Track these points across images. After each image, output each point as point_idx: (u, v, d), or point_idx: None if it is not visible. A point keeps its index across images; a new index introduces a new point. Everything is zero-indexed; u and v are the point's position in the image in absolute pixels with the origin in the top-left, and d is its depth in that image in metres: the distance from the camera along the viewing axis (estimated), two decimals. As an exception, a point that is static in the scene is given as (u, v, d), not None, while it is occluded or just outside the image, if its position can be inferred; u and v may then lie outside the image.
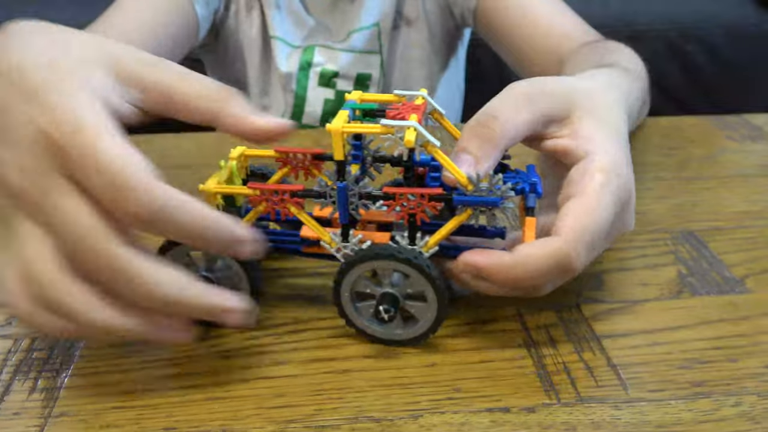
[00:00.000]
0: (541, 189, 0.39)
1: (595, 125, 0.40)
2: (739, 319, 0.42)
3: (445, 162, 0.36)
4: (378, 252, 0.37)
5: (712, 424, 0.34)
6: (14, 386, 0.37)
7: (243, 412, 0.35)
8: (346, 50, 0.84)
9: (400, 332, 0.39)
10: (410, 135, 0.35)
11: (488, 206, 0.36)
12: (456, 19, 0.87)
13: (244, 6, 0.84)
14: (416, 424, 0.34)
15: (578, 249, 0.36)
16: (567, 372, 0.37)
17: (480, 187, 0.36)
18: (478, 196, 0.36)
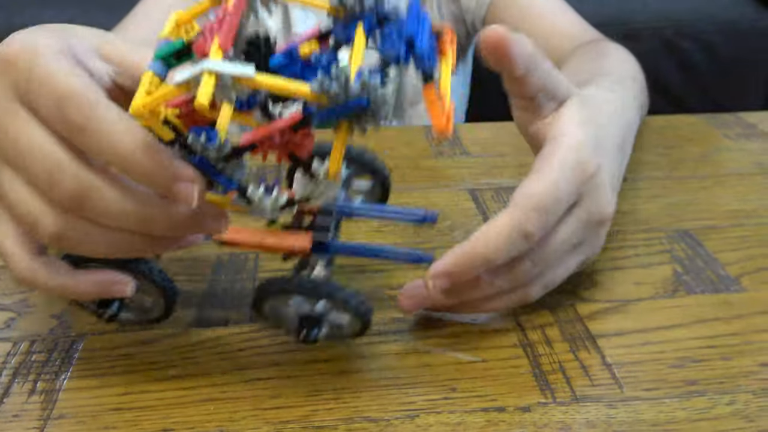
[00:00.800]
0: (424, 39, 0.30)
1: (577, 116, 0.41)
2: (733, 318, 0.42)
3: (275, 86, 0.28)
4: (265, 288, 0.36)
5: (707, 423, 0.34)
6: (13, 388, 0.37)
7: (240, 413, 0.35)
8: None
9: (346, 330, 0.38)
10: (205, 89, 0.26)
11: (358, 111, 0.28)
12: (467, 26, 0.88)
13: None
14: (412, 424, 0.34)
15: (529, 213, 0.37)
16: (562, 371, 0.38)
17: (333, 92, 0.27)
18: (340, 105, 0.28)
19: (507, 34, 0.38)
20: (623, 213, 0.54)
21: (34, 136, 0.31)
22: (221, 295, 0.44)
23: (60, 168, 0.31)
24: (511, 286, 0.40)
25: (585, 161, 0.40)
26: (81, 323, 0.42)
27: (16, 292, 0.45)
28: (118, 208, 0.32)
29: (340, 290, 0.35)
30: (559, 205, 0.39)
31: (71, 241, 0.33)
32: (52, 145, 0.31)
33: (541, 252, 0.39)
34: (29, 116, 0.32)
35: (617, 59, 0.66)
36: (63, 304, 0.44)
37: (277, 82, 0.28)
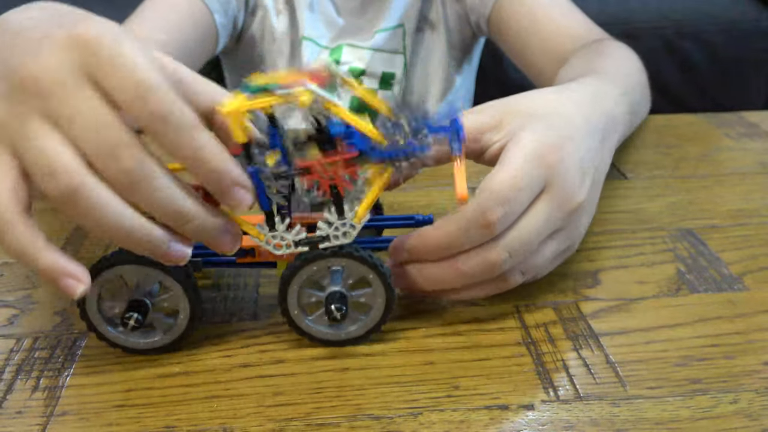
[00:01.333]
0: (461, 129, 0.36)
1: (526, 121, 0.42)
2: (736, 317, 0.42)
3: (351, 119, 0.34)
4: (306, 257, 0.37)
5: (710, 421, 0.34)
6: (17, 385, 0.37)
7: (243, 411, 0.35)
8: (372, 48, 0.85)
9: (354, 328, 0.39)
10: (305, 96, 0.32)
11: (407, 157, 0.34)
12: (472, 26, 0.88)
13: (273, 10, 0.85)
14: (415, 421, 0.34)
15: (489, 203, 0.38)
16: (565, 369, 0.38)
17: (396, 139, 0.34)
18: (395, 149, 0.34)
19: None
20: (626, 212, 0.54)
21: (101, 112, 0.32)
22: (225, 292, 0.44)
23: (124, 145, 0.32)
24: (486, 273, 0.40)
25: (546, 150, 0.40)
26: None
27: (20, 289, 0.45)
28: (164, 195, 0.33)
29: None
30: (521, 195, 0.39)
31: (83, 204, 0.32)
32: (118, 123, 0.32)
33: (511, 240, 0.39)
34: (95, 92, 0.33)
35: (613, 58, 0.65)
36: (66, 300, 0.44)
37: (353, 116, 0.33)
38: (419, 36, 0.88)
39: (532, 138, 0.41)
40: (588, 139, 0.44)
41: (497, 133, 0.42)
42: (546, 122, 0.42)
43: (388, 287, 0.38)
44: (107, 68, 0.32)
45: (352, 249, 0.37)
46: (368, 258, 0.37)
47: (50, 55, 0.33)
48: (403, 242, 0.40)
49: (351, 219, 0.36)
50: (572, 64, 0.67)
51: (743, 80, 1.36)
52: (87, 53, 0.33)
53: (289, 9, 0.85)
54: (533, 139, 0.41)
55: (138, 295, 0.38)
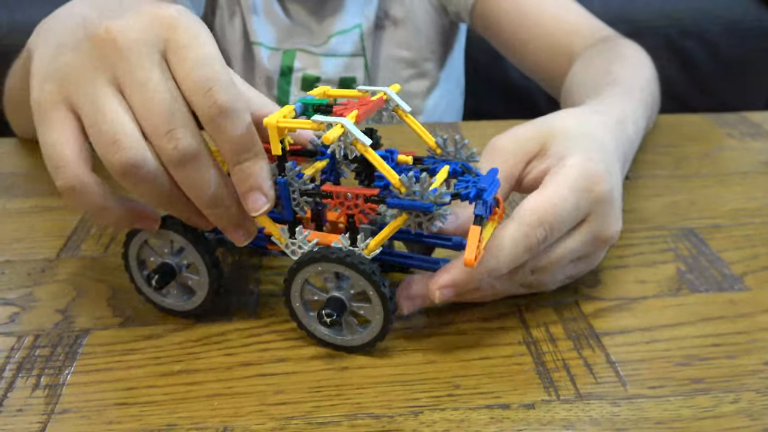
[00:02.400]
0: (490, 195, 0.36)
1: (566, 144, 0.42)
2: (737, 317, 0.42)
3: (376, 161, 0.34)
4: (312, 256, 0.37)
5: (711, 421, 0.34)
6: (18, 383, 0.37)
7: (244, 409, 0.35)
8: (327, 55, 0.83)
9: (351, 338, 0.39)
10: (334, 132, 0.33)
11: (421, 211, 0.34)
12: (450, 16, 0.86)
13: (227, 12, 0.84)
14: (416, 420, 0.34)
15: (534, 228, 0.38)
16: (566, 369, 0.38)
17: (413, 190, 0.34)
18: (411, 200, 0.34)
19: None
20: (627, 211, 0.54)
21: (167, 89, 0.34)
22: (226, 291, 0.44)
23: (184, 125, 0.34)
24: (503, 285, 0.41)
25: (593, 181, 0.40)
26: (85, 318, 0.42)
27: (21, 287, 0.45)
28: (205, 179, 0.35)
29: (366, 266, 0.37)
30: (565, 222, 0.39)
31: (138, 177, 0.35)
32: (182, 104, 0.34)
33: (539, 261, 0.40)
34: (165, 69, 0.35)
35: (631, 66, 0.64)
36: (67, 298, 0.44)
37: (378, 159, 0.34)
38: (380, 34, 0.85)
39: (578, 165, 0.40)
40: (618, 169, 0.44)
41: (541, 159, 0.42)
42: (586, 147, 0.42)
43: (386, 308, 0.37)
44: (182, 52, 0.34)
45: (359, 260, 0.36)
46: (371, 274, 0.36)
47: (134, 22, 0.35)
48: (451, 280, 0.37)
49: (362, 249, 0.37)
50: (586, 67, 0.66)
51: (746, 80, 1.35)
52: (168, 31, 0.35)
53: (240, 11, 0.84)
54: (579, 166, 0.40)
55: (170, 261, 0.41)
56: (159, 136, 0.34)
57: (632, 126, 0.52)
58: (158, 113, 0.34)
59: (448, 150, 0.38)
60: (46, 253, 0.49)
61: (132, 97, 0.34)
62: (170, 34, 0.35)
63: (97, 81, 0.35)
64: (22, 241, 0.50)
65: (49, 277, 0.46)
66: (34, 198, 0.57)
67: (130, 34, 0.34)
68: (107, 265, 0.47)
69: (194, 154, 0.34)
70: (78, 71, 0.35)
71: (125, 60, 0.34)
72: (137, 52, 0.34)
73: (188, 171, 0.35)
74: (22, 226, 0.53)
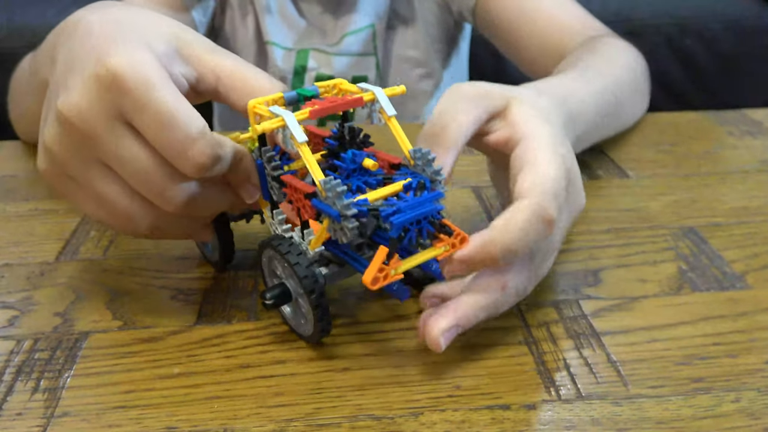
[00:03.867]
0: (404, 219, 0.33)
1: (530, 112, 0.42)
2: (738, 315, 0.42)
3: (308, 161, 0.35)
4: (263, 242, 0.39)
5: (712, 420, 0.34)
6: (17, 387, 0.37)
7: (243, 411, 0.35)
8: (340, 54, 0.83)
9: (303, 327, 0.39)
10: (270, 124, 0.35)
11: (332, 218, 0.34)
12: (454, 15, 0.86)
13: (238, 11, 0.84)
14: (416, 421, 0.34)
15: (547, 199, 0.37)
16: (567, 369, 0.38)
17: (329, 195, 0.34)
18: (326, 205, 0.34)
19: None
20: (628, 210, 0.54)
21: (146, 158, 0.35)
22: (224, 292, 0.44)
23: (172, 183, 0.36)
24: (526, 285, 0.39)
25: (562, 153, 0.40)
26: (85, 321, 0.42)
27: (20, 291, 0.45)
28: (215, 203, 0.39)
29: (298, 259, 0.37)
30: (563, 193, 0.39)
31: (163, 231, 0.39)
32: (161, 164, 0.35)
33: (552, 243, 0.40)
34: (133, 134, 0.35)
35: (601, 58, 0.64)
36: (66, 301, 0.44)
37: (309, 158, 0.35)
38: (391, 34, 0.85)
39: (545, 136, 0.40)
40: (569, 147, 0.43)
41: (501, 120, 0.42)
42: (546, 125, 0.42)
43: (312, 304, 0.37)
44: (140, 117, 0.34)
45: (294, 257, 0.37)
46: (300, 272, 0.36)
47: (82, 97, 0.35)
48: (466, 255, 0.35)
49: (307, 243, 0.38)
50: (566, 62, 0.66)
51: (746, 77, 1.35)
52: (116, 96, 0.34)
53: (253, 11, 0.84)
54: (549, 143, 0.40)
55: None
56: (155, 198, 0.36)
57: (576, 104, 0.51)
58: (145, 182, 0.36)
59: (417, 163, 0.37)
60: (45, 256, 0.49)
61: (118, 170, 0.36)
62: (120, 99, 0.34)
63: (81, 163, 0.36)
64: (20, 245, 0.50)
65: (48, 281, 0.46)
66: (33, 201, 0.57)
67: (86, 115, 0.35)
68: (106, 268, 0.47)
69: (193, 200, 0.37)
70: (60, 153, 0.37)
71: (93, 141, 0.35)
72: (100, 132, 0.35)
73: (193, 210, 0.38)
74: (21, 230, 0.53)
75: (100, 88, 0.34)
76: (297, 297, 0.39)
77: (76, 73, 0.35)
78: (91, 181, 0.37)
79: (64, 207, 0.55)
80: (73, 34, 0.38)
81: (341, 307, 0.43)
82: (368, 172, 0.38)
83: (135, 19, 0.39)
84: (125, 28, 0.37)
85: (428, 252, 0.35)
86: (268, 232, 0.49)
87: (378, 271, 0.33)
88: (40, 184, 0.59)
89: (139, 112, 0.34)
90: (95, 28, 0.37)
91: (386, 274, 0.33)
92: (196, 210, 0.38)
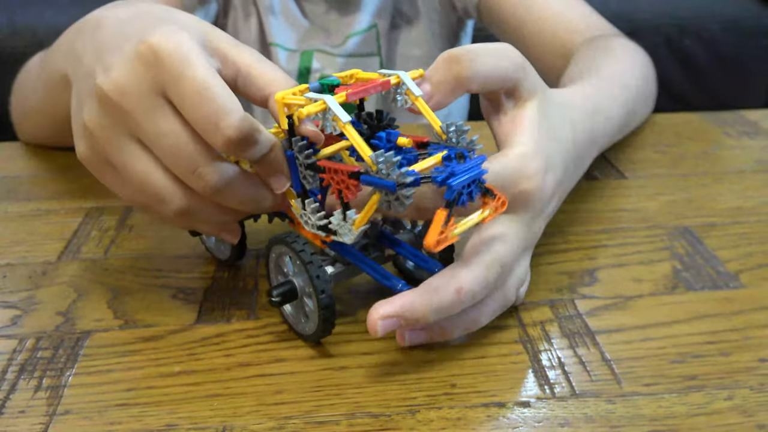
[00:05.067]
0: (459, 180, 0.34)
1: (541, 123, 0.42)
2: (732, 314, 0.42)
3: (353, 138, 0.35)
4: (275, 238, 0.39)
5: (705, 418, 0.35)
6: (19, 385, 0.37)
7: (243, 409, 0.36)
8: (344, 55, 0.84)
9: (304, 325, 0.40)
10: (314, 107, 0.35)
11: (386, 190, 0.34)
12: (458, 12, 0.86)
13: (242, 13, 0.84)
14: (413, 419, 0.35)
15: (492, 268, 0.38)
16: (562, 367, 0.38)
17: (380, 168, 0.34)
18: (378, 178, 0.34)
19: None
20: (623, 210, 0.54)
21: (182, 133, 0.36)
22: (224, 291, 0.45)
23: (206, 161, 0.36)
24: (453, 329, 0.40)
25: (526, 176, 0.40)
26: (86, 320, 0.42)
27: (22, 290, 0.45)
28: (248, 192, 0.38)
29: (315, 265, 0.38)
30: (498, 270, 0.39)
31: (192, 216, 0.39)
32: (197, 141, 0.36)
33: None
34: (173, 111, 0.36)
35: (614, 59, 0.64)
36: (68, 300, 0.44)
37: (355, 136, 0.35)
38: (394, 33, 0.85)
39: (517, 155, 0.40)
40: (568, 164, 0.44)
41: (509, 102, 0.42)
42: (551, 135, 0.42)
43: (319, 302, 0.37)
44: (178, 89, 0.35)
45: (308, 255, 0.37)
46: (312, 271, 0.37)
47: (124, 72, 0.36)
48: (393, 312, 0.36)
49: (351, 224, 0.37)
50: (577, 62, 0.66)
51: (745, 78, 1.35)
52: (157, 69, 0.35)
53: (256, 12, 0.84)
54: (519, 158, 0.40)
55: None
56: (188, 178, 0.37)
57: (604, 120, 0.52)
58: (180, 157, 0.36)
59: (450, 136, 0.38)
60: (46, 255, 0.49)
61: (153, 147, 0.36)
62: (160, 71, 0.35)
63: (118, 142, 0.37)
64: (22, 244, 0.51)
65: (50, 280, 0.46)
66: (35, 201, 0.57)
67: (127, 91, 0.36)
68: (108, 267, 0.48)
69: (225, 183, 0.37)
70: (98, 133, 0.37)
71: (132, 118, 0.36)
72: (140, 107, 0.36)
73: (224, 195, 0.38)
74: (23, 229, 0.53)
75: (141, 64, 0.35)
76: (303, 296, 0.39)
77: (113, 54, 0.36)
78: (128, 161, 0.37)
79: (66, 207, 0.56)
80: (97, 28, 0.39)
81: (339, 306, 0.43)
82: (403, 149, 0.39)
83: (165, 11, 0.40)
84: (159, 18, 0.39)
85: (478, 216, 0.36)
86: (269, 232, 0.49)
87: (439, 234, 0.34)
88: (42, 185, 0.60)
89: (175, 84, 0.35)
90: (125, 19, 0.38)
91: (446, 237, 0.34)
92: (228, 197, 0.38)
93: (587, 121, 0.49)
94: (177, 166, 0.36)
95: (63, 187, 0.60)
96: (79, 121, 0.39)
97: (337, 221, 0.37)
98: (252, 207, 0.39)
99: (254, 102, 0.40)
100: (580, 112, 0.48)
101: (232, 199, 0.38)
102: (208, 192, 0.37)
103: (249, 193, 0.39)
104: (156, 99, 0.36)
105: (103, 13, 0.41)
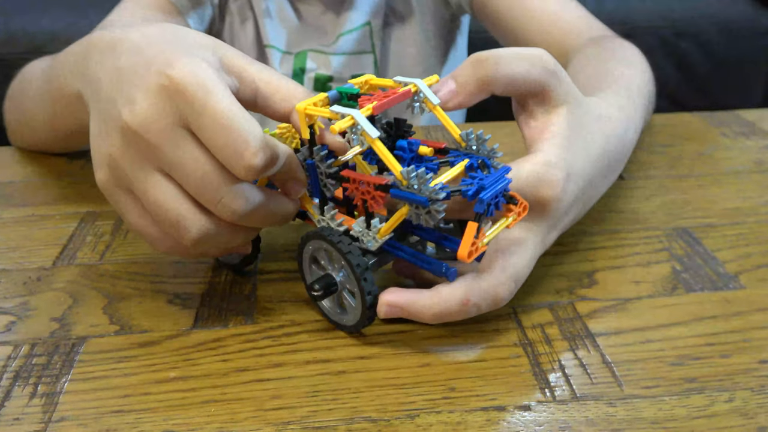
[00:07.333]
0: (490, 194, 0.36)
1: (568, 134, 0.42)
2: (732, 315, 0.42)
3: (382, 153, 0.36)
4: (310, 233, 0.40)
5: (705, 420, 0.34)
6: (14, 392, 0.37)
7: (240, 414, 0.35)
8: (338, 53, 0.84)
9: (342, 317, 0.40)
10: (344, 123, 0.36)
11: (418, 204, 0.35)
12: (452, 7, 0.86)
13: (238, 17, 0.84)
14: (412, 423, 0.34)
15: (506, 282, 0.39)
16: (562, 370, 0.38)
17: (411, 183, 0.35)
18: (410, 193, 0.35)
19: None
20: (622, 212, 0.54)
21: (206, 163, 0.36)
22: (221, 296, 0.44)
23: (230, 190, 0.36)
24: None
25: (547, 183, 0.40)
26: (82, 326, 0.42)
27: (17, 296, 0.45)
28: (271, 210, 0.39)
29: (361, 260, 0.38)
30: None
31: (208, 242, 0.38)
32: (221, 169, 0.36)
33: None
34: (196, 142, 0.36)
35: (629, 66, 0.63)
36: (63, 306, 0.44)
37: (384, 152, 0.36)
38: (388, 31, 0.85)
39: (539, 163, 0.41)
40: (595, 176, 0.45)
41: (538, 109, 0.42)
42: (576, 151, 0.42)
43: (363, 297, 0.38)
44: (199, 121, 0.35)
45: (347, 247, 0.38)
46: (356, 265, 0.37)
47: (147, 105, 0.36)
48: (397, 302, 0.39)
49: (375, 233, 0.38)
50: (584, 66, 0.65)
51: (741, 79, 1.36)
52: (179, 100, 0.35)
53: (252, 16, 0.84)
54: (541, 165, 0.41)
55: None
56: (213, 206, 0.37)
57: (629, 134, 0.51)
58: (203, 187, 0.36)
59: (470, 144, 0.39)
60: (42, 261, 0.49)
61: (176, 176, 0.36)
62: (182, 104, 0.35)
63: (142, 172, 0.37)
64: (17, 250, 0.51)
65: (45, 286, 0.46)
66: (30, 207, 0.57)
67: (152, 125, 0.36)
68: (103, 272, 0.48)
69: (251, 207, 0.37)
70: (123, 164, 0.37)
71: (157, 150, 0.36)
72: (165, 140, 0.36)
73: (249, 218, 0.38)
74: (18, 235, 0.53)
75: (164, 97, 0.35)
76: (342, 288, 0.40)
77: (135, 87, 0.36)
78: (149, 189, 0.37)
79: (61, 212, 0.56)
80: (113, 51, 0.39)
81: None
82: (424, 158, 0.40)
83: (176, 33, 0.40)
84: (173, 41, 0.39)
85: (503, 222, 0.37)
86: (269, 233, 0.49)
87: (471, 246, 0.35)
88: (37, 191, 0.60)
89: (198, 116, 0.35)
90: (142, 44, 0.38)
91: (477, 247, 0.36)
92: (252, 219, 0.38)
93: (621, 135, 0.49)
94: (202, 196, 0.37)
95: (58, 192, 0.59)
96: (102, 150, 0.38)
97: (360, 228, 0.38)
98: (274, 222, 0.40)
99: (274, 118, 0.41)
100: (615, 125, 0.48)
101: (256, 220, 0.38)
102: (234, 219, 0.37)
103: (272, 211, 0.39)
104: (179, 131, 0.36)
105: (117, 35, 0.40)
